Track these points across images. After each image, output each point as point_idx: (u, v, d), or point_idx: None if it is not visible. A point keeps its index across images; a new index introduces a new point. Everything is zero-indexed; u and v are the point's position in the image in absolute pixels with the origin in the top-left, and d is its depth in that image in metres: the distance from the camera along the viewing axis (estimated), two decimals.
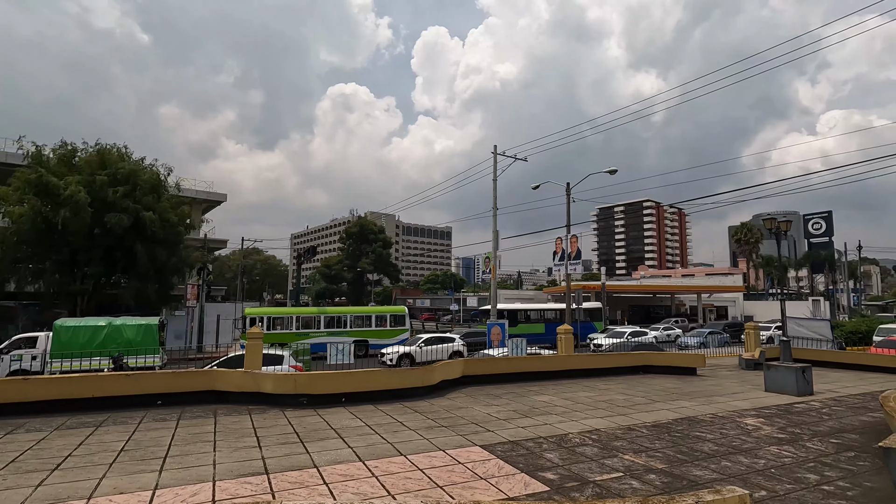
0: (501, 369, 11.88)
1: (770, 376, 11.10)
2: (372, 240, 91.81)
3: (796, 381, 10.56)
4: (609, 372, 13.46)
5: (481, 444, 6.73)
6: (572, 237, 30.52)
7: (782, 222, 11.86)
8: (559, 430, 7.59)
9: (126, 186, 32.45)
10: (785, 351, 11.27)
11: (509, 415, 8.58)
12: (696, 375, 13.69)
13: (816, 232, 79.59)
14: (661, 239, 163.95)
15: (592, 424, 7.98)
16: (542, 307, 31.84)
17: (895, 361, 14.21)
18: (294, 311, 25.62)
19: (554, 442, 6.90)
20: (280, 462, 5.79)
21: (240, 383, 9.21)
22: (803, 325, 18.48)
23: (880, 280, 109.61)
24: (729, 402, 10.06)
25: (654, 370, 13.91)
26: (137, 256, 32.54)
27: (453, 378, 11.24)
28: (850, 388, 11.97)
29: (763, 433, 7.59)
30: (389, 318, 25.91)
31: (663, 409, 9.21)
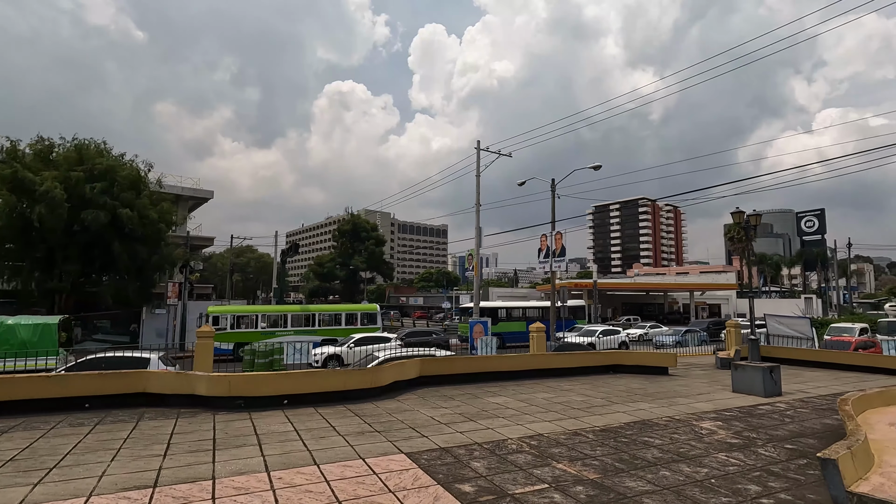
0: (461, 369, 11.43)
1: (737, 377, 10.68)
2: (365, 237, 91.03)
3: (763, 382, 10.14)
4: (578, 371, 13.02)
5: (409, 451, 6.28)
6: (557, 234, 30.13)
7: (752, 216, 11.42)
8: (500, 435, 7.14)
9: (104, 182, 31.91)
10: (753, 350, 10.85)
11: (454, 418, 8.13)
12: (668, 375, 13.26)
13: (809, 230, 79.41)
14: (657, 237, 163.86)
15: (538, 429, 7.53)
16: (523, 305, 31.41)
17: (873, 360, 13.81)
18: (259, 310, 25.01)
19: (488, 449, 6.45)
20: (176, 473, 5.32)
21: (173, 385, 8.74)
22: (784, 322, 18.10)
23: (874, 278, 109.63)
24: (691, 403, 9.63)
25: (624, 370, 13.48)
26: (116, 254, 31.98)
27: (409, 378, 10.78)
28: (822, 388, 11.55)
29: (716, 438, 7.16)
30: (360, 317, 25.41)
31: (619, 412, 8.77)
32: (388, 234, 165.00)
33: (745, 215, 11.33)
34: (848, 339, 18.11)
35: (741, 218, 11.31)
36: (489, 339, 15.07)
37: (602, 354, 13.85)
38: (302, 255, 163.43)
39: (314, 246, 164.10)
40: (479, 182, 30.14)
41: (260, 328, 23.34)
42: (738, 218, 11.30)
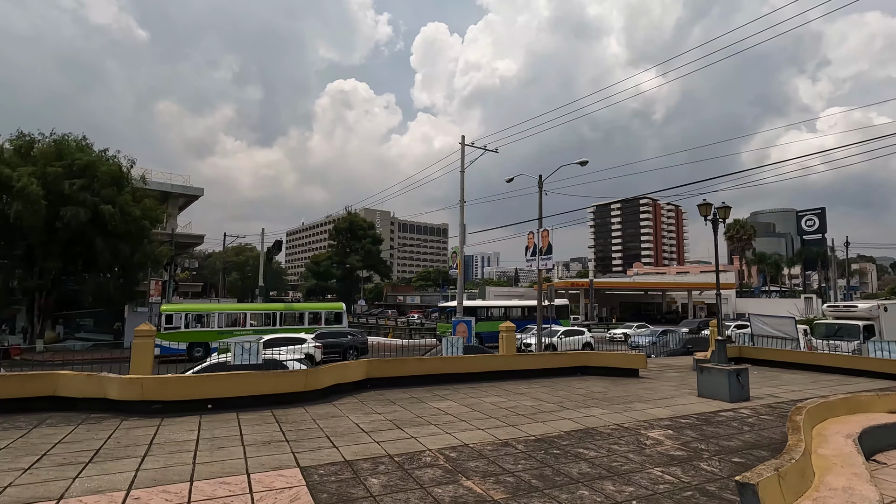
0: (413, 371, 10.80)
1: (702, 380, 10.00)
2: (361, 236, 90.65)
3: (729, 386, 9.46)
4: (545, 373, 12.37)
5: (308, 464, 5.64)
6: (543, 231, 29.47)
7: (720, 209, 10.73)
8: (420, 445, 6.50)
9: (83, 179, 31.35)
10: (719, 352, 10.17)
11: (381, 426, 7.49)
12: (638, 378, 12.60)
13: (810, 229, 78.33)
14: (658, 236, 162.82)
15: (467, 438, 6.89)
16: (505, 304, 30.75)
17: (854, 362, 13.09)
18: (217, 308, 24.23)
19: (398, 462, 5.81)
20: (21, 493, 4.71)
21: (84, 388, 8.13)
22: (768, 323, 17.38)
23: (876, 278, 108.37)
24: (648, 409, 8.96)
25: (593, 371, 12.83)
26: (98, 251, 31.45)
27: (355, 380, 10.16)
28: (796, 392, 10.86)
29: (658, 450, 6.50)
30: (325, 316, 24.70)
31: (566, 419, 8.12)
32: (387, 233, 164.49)
33: (712, 208, 10.63)
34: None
35: (708, 210, 10.63)
36: (455, 340, 14.38)
37: (570, 356, 13.19)
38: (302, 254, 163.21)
39: (314, 245, 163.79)
40: (463, 178, 29.48)
41: (217, 327, 22.54)
42: (704, 210, 10.63)
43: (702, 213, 10.54)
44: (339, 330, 22.47)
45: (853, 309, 18.53)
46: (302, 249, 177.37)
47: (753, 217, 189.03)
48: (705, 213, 10.53)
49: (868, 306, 18.66)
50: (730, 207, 10.75)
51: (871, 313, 18.80)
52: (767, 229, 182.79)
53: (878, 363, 12.64)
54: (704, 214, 10.53)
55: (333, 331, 21.79)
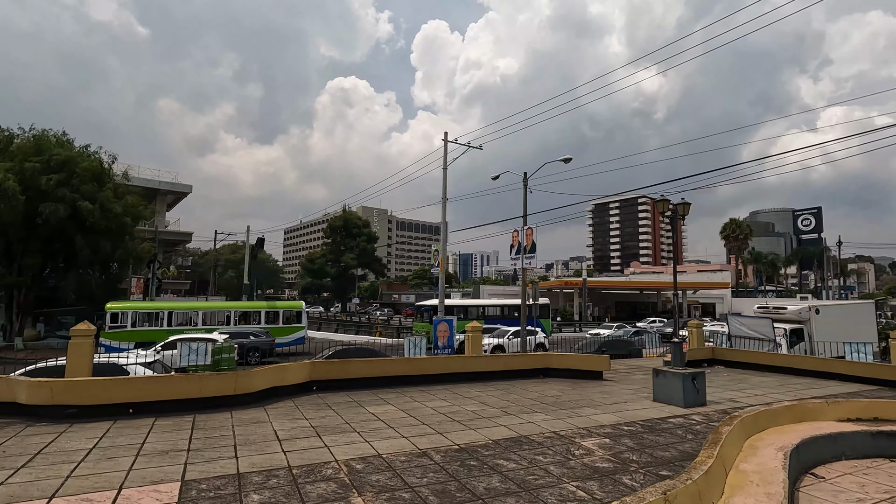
0: (360, 373, 10.37)
1: (657, 384, 9.57)
2: (356, 234, 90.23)
3: (683, 390, 9.03)
4: (506, 375, 11.94)
5: (193, 477, 5.23)
6: (527, 229, 29.05)
7: (679, 205, 10.28)
8: (329, 456, 6.08)
9: (61, 174, 30.92)
10: (676, 354, 9.73)
11: (302, 433, 7.08)
12: (602, 380, 12.18)
13: (806, 228, 77.80)
14: (656, 235, 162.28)
15: (385, 447, 6.47)
16: (483, 303, 30.34)
17: (825, 365, 12.65)
18: (167, 306, 23.52)
19: (295, 474, 5.39)
20: None
21: None
22: (745, 323, 16.93)
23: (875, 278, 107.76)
24: (595, 415, 8.53)
25: (556, 373, 12.41)
26: (78, 248, 31.04)
27: (297, 383, 9.74)
28: (758, 396, 10.42)
29: (585, 461, 6.07)
30: (283, 315, 24.12)
31: (503, 426, 7.70)
32: (384, 231, 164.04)
33: (669, 203, 10.18)
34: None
35: (666, 206, 10.17)
36: (418, 340, 13.98)
37: (532, 357, 12.77)
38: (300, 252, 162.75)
39: (312, 243, 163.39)
40: (445, 175, 29.11)
41: (167, 327, 21.93)
42: (663, 206, 10.17)
43: (660, 209, 10.09)
44: (243, 330, 21.45)
45: (782, 311, 17.71)
46: (300, 247, 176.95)
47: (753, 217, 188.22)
48: (663, 209, 10.08)
49: (797, 308, 17.91)
50: (689, 204, 10.29)
51: (801, 316, 17.94)
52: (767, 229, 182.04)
53: (847, 366, 12.21)
54: (662, 210, 10.08)
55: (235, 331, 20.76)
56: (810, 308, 17.22)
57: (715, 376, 13.21)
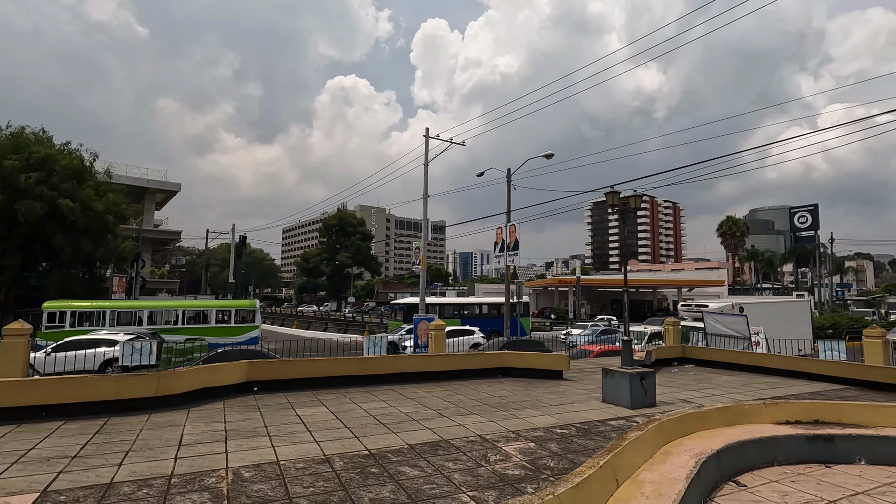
0: (303, 373, 9.99)
1: (606, 384, 9.17)
2: (351, 232, 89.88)
3: (630, 391, 8.63)
4: (462, 375, 11.55)
5: (59, 487, 4.86)
6: (511, 227, 28.70)
7: (631, 198, 9.86)
8: (221, 463, 5.70)
9: (41, 172, 30.59)
10: (625, 354, 9.33)
11: (209, 438, 6.70)
12: (561, 380, 11.77)
13: (802, 225, 77.14)
14: (655, 233, 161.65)
15: (290, 452, 6.09)
16: (459, 301, 29.92)
17: (793, 364, 12.22)
18: (109, 305, 22.62)
19: (174, 483, 5.02)
20: None
21: None
22: (721, 321, 16.51)
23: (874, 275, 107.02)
24: (534, 417, 8.13)
25: (515, 373, 12.01)
26: (58, 246, 30.74)
27: (232, 384, 9.36)
28: (716, 397, 10.00)
29: (497, 468, 5.68)
30: (235, 314, 23.36)
31: (429, 429, 7.31)
32: (382, 230, 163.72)
33: (619, 195, 9.75)
34: None
35: (615, 199, 9.75)
36: (378, 339, 13.63)
37: (490, 356, 12.36)
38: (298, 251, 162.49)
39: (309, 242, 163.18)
40: (427, 171, 28.69)
41: (108, 327, 21.10)
42: (612, 199, 9.74)
43: (609, 202, 9.66)
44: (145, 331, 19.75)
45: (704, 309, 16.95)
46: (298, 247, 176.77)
47: (752, 214, 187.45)
48: (613, 201, 9.65)
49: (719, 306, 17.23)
50: (640, 196, 9.86)
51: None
52: (766, 227, 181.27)
53: (815, 365, 11.78)
54: (612, 203, 9.65)
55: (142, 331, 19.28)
56: (734, 306, 16.60)
57: (681, 375, 12.80)
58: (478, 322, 26.81)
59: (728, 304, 16.82)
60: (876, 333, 12.71)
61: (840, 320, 35.79)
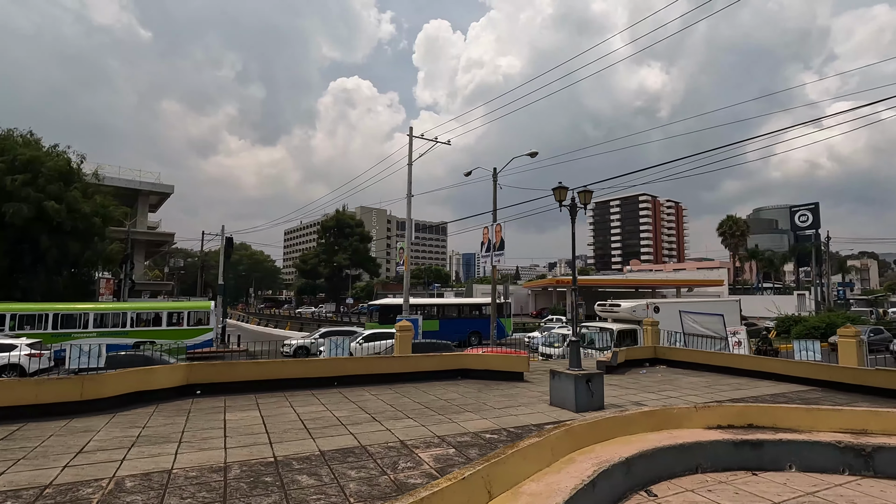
0: (247, 376, 9.71)
1: (553, 387, 8.84)
2: (349, 234, 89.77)
3: (575, 393, 8.29)
4: (419, 377, 11.25)
5: None
6: (496, 226, 28.38)
7: (581, 193, 9.49)
8: (109, 472, 5.43)
9: (27, 174, 30.55)
10: (572, 355, 8.99)
11: (114, 445, 6.44)
12: (520, 381, 11.44)
13: (803, 224, 76.43)
14: (658, 233, 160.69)
15: (187, 461, 5.81)
16: (436, 302, 29.58)
17: (759, 364, 11.84)
18: (50, 308, 21.70)
19: (45, 494, 4.76)
20: None
21: None
22: (698, 321, 16.14)
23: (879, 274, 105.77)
24: (469, 421, 7.81)
25: (474, 375, 11.70)
26: (44, 248, 30.68)
27: (170, 387, 9.10)
28: (672, 399, 9.64)
29: (401, 476, 5.37)
30: (188, 316, 22.81)
31: (350, 434, 7.01)
32: (383, 231, 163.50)
33: (566, 192, 9.37)
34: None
35: (563, 195, 9.38)
36: (341, 341, 13.33)
37: (449, 358, 12.06)
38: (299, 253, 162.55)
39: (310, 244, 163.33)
40: (410, 170, 28.41)
41: (51, 329, 20.37)
42: (560, 195, 9.38)
43: (557, 197, 9.31)
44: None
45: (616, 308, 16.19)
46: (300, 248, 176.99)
47: (756, 213, 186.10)
48: (560, 197, 9.30)
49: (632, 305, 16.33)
50: (591, 192, 9.50)
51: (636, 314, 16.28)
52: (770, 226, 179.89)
53: (784, 366, 11.38)
54: (560, 200, 9.30)
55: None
56: (648, 306, 15.84)
57: (648, 377, 12.44)
58: (457, 323, 26.51)
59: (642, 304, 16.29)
60: (849, 333, 12.32)
61: (836, 320, 35.18)
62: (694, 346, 15.87)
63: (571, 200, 9.39)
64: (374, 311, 27.46)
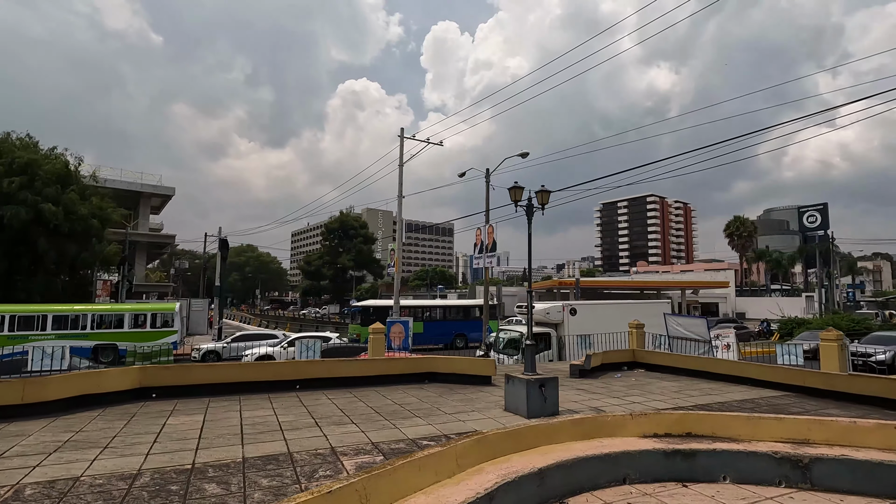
0: (205, 379, 9.58)
1: (507, 391, 8.60)
2: (353, 235, 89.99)
3: (527, 399, 8.05)
4: (384, 381, 11.06)
5: None
6: (489, 227, 28.19)
7: (539, 193, 9.22)
8: (13, 480, 5.30)
9: (24, 177, 30.84)
10: (527, 359, 8.74)
11: (34, 451, 6.32)
12: (487, 385, 11.20)
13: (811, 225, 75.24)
14: (666, 234, 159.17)
15: (101, 468, 5.68)
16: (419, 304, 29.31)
17: (737, 369, 11.49)
18: (6, 310, 21.03)
19: None
20: None
21: None
22: (682, 324, 15.79)
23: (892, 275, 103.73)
24: (413, 427, 7.60)
25: (441, 378, 11.49)
26: (42, 251, 30.93)
27: (120, 390, 8.99)
28: (636, 404, 9.35)
29: (312, 486, 5.18)
30: (151, 318, 22.38)
31: (281, 441, 6.83)
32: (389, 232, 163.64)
33: (521, 192, 9.10)
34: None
35: (519, 195, 9.11)
36: (311, 343, 13.20)
37: (416, 361, 11.86)
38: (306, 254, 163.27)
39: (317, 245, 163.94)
40: (401, 172, 28.28)
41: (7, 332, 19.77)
42: (516, 195, 9.12)
43: (512, 197, 9.06)
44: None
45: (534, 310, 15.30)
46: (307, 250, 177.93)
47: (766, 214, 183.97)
48: (516, 197, 9.05)
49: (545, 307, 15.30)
50: (548, 192, 9.23)
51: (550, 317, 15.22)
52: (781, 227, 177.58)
53: (758, 370, 11.04)
54: (515, 200, 9.05)
55: None
56: (564, 308, 14.98)
57: (621, 381, 12.14)
58: (441, 325, 26.20)
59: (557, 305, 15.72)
60: (831, 337, 11.90)
61: (840, 322, 34.44)
62: (679, 350, 15.53)
63: (528, 201, 9.15)
64: (356, 312, 27.30)
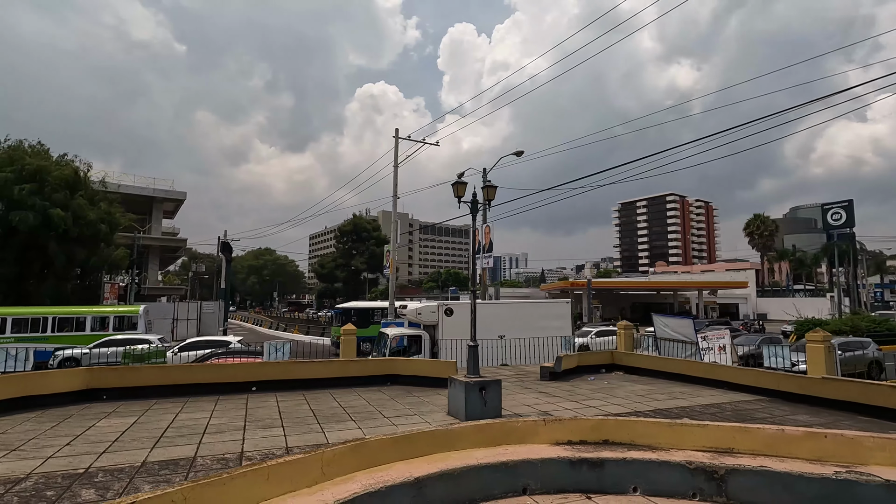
0: (154, 380, 9.49)
1: (450, 395, 8.26)
2: (366, 238, 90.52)
3: (465, 403, 7.70)
4: (345, 383, 10.82)
5: None
6: (486, 227, 27.85)
7: (485, 188, 8.81)
8: None
9: (34, 184, 31.64)
10: (469, 361, 8.38)
11: None
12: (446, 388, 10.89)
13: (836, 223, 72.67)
14: (686, 234, 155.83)
15: None
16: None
17: (711, 372, 10.90)
18: None
19: None
20: None
21: None
22: (669, 325, 15.19)
23: None
24: (341, 431, 7.31)
25: (403, 380, 11.21)
26: (52, 255, 31.67)
27: (65, 392, 8.95)
28: (592, 409, 8.89)
29: None
30: (114, 321, 22.04)
31: (192, 445, 6.63)
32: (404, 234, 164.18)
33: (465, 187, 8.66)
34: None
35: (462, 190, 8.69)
36: (280, 344, 13.05)
37: (381, 363, 11.61)
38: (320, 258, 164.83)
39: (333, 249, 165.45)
40: (396, 173, 28.19)
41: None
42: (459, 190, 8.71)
43: (456, 193, 8.69)
44: None
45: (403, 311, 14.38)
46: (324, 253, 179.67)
47: (793, 213, 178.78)
48: (459, 193, 8.67)
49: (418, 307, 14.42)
50: (495, 187, 8.86)
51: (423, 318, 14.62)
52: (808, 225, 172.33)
53: (733, 373, 10.44)
54: (459, 196, 8.68)
55: None
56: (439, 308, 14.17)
57: (590, 384, 11.66)
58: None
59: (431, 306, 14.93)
60: (818, 338, 11.24)
61: (860, 323, 32.98)
62: (667, 351, 14.94)
63: (473, 196, 8.79)
64: (339, 314, 27.18)
